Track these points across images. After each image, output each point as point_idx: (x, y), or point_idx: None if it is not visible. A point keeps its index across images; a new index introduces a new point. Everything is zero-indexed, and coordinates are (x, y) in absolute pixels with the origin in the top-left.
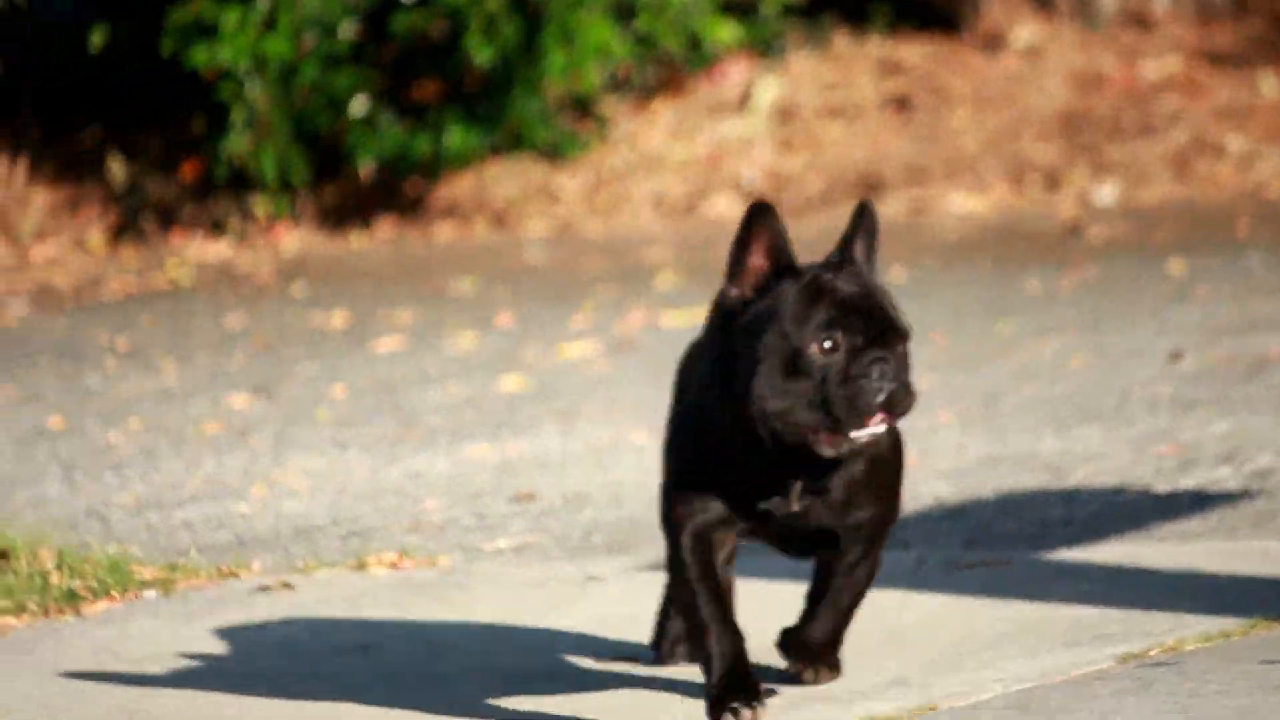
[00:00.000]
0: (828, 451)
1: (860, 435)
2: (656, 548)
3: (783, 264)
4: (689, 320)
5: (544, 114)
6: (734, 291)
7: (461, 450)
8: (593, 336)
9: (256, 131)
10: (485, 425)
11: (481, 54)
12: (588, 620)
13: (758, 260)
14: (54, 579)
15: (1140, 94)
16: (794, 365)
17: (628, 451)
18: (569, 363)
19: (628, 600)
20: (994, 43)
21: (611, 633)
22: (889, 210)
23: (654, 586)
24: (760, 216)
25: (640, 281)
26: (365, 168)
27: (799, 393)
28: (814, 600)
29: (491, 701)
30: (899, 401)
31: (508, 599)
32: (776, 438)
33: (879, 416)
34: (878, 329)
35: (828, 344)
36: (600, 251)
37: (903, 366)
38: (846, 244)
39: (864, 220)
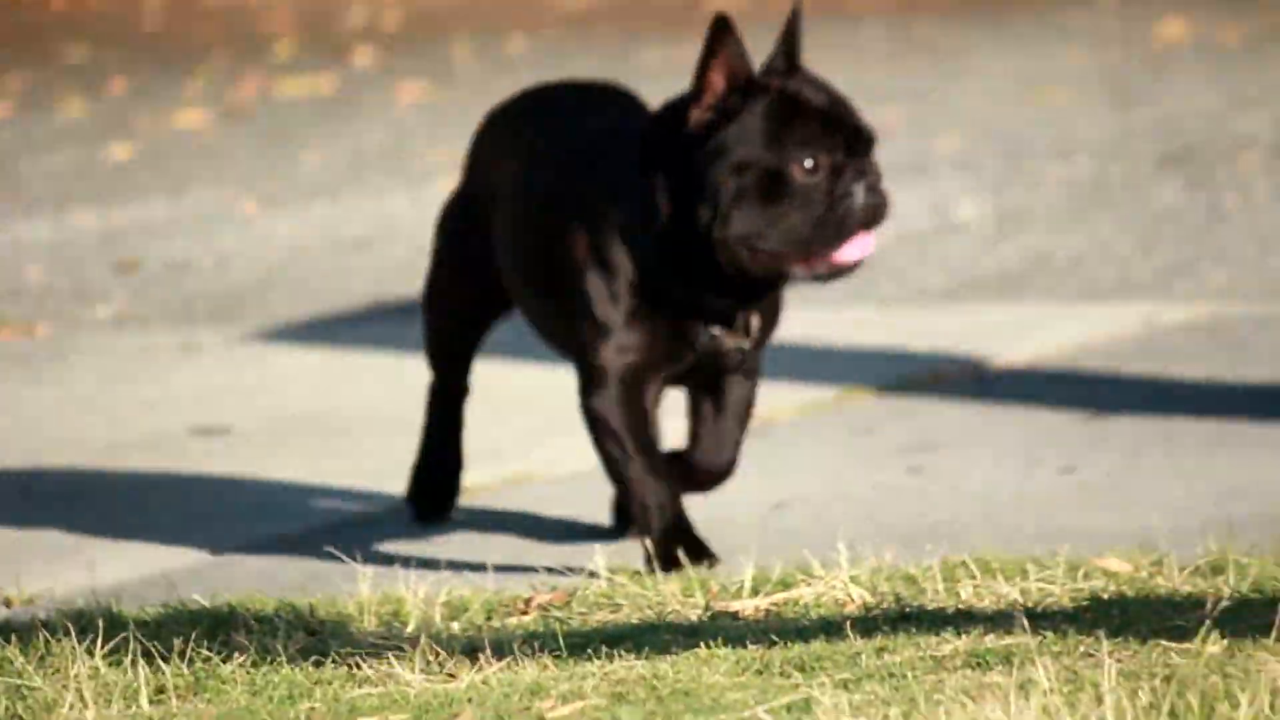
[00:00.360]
0: (808, 276)
1: (849, 256)
2: (260, 316)
3: (743, 80)
4: (306, 90)
5: None
6: (696, 113)
7: (66, 218)
8: (205, 104)
9: None
10: (91, 193)
11: None
12: (183, 390)
13: (718, 78)
14: None
15: None
16: (774, 188)
17: (235, 221)
18: (180, 131)
19: (226, 370)
20: None
21: (208, 402)
22: None
23: (254, 357)
24: (721, 32)
25: (257, 50)
26: None
27: (782, 217)
28: (703, 423)
29: (82, 471)
30: (881, 215)
31: (105, 368)
32: (748, 267)
33: (864, 234)
34: (853, 140)
35: (808, 163)
36: (218, 19)
37: (877, 175)
38: (790, 50)
39: (794, 22)
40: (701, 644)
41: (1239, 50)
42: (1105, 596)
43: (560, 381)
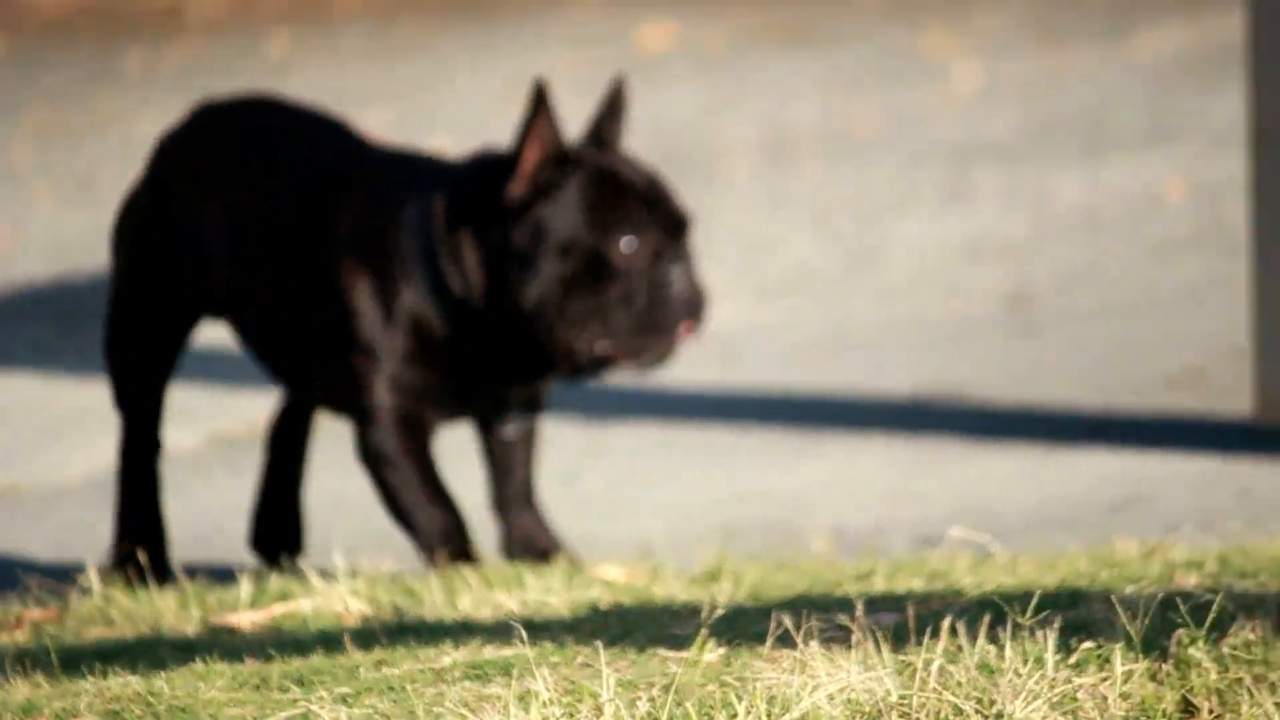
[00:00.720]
0: (634, 368)
1: (668, 354)
2: None
3: (558, 153)
4: None
5: None
6: (514, 188)
7: None
8: None
9: None
10: None
11: None
12: None
13: (534, 152)
14: None
15: None
16: (596, 272)
17: None
18: None
19: None
20: None
21: None
22: None
23: None
24: (542, 102)
25: None
26: None
27: (608, 310)
28: (501, 468)
29: None
30: (702, 305)
31: None
32: (573, 358)
33: (685, 327)
34: (672, 222)
35: (626, 244)
36: None
37: (694, 263)
38: (601, 126)
39: (618, 100)
40: (198, 659)
41: (724, 53)
42: (603, 606)
43: (46, 392)
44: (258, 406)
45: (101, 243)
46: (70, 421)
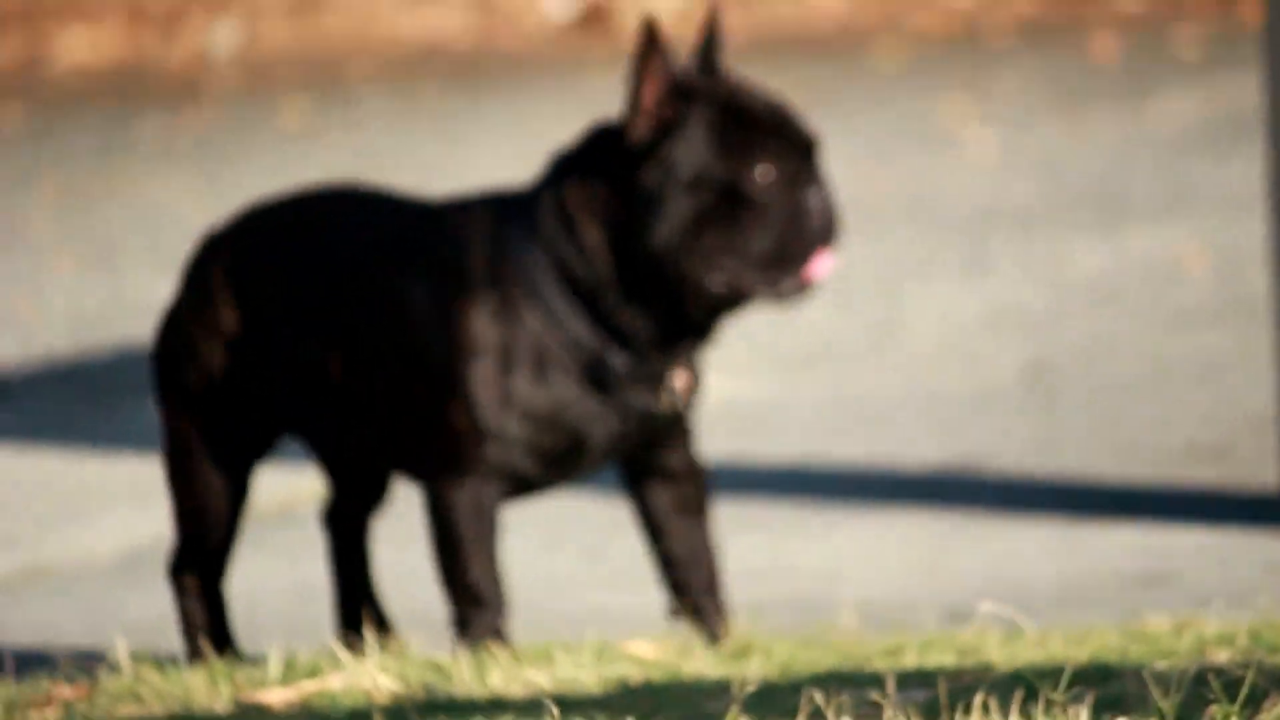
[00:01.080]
0: (775, 297)
1: (815, 273)
2: None
3: (678, 88)
4: None
5: None
6: (635, 128)
7: None
8: None
9: None
10: None
11: None
12: None
13: (652, 89)
14: None
15: None
16: (732, 203)
17: None
18: None
19: None
20: None
21: None
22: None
23: None
24: (652, 43)
25: None
26: None
27: (745, 234)
28: (665, 535)
29: None
30: (838, 226)
31: None
32: (710, 294)
33: (822, 252)
34: (804, 146)
35: (761, 173)
36: None
37: (828, 184)
38: (710, 55)
39: (715, 28)
40: None
41: None
42: (633, 683)
43: (70, 467)
44: (286, 484)
45: (122, 313)
46: (96, 496)
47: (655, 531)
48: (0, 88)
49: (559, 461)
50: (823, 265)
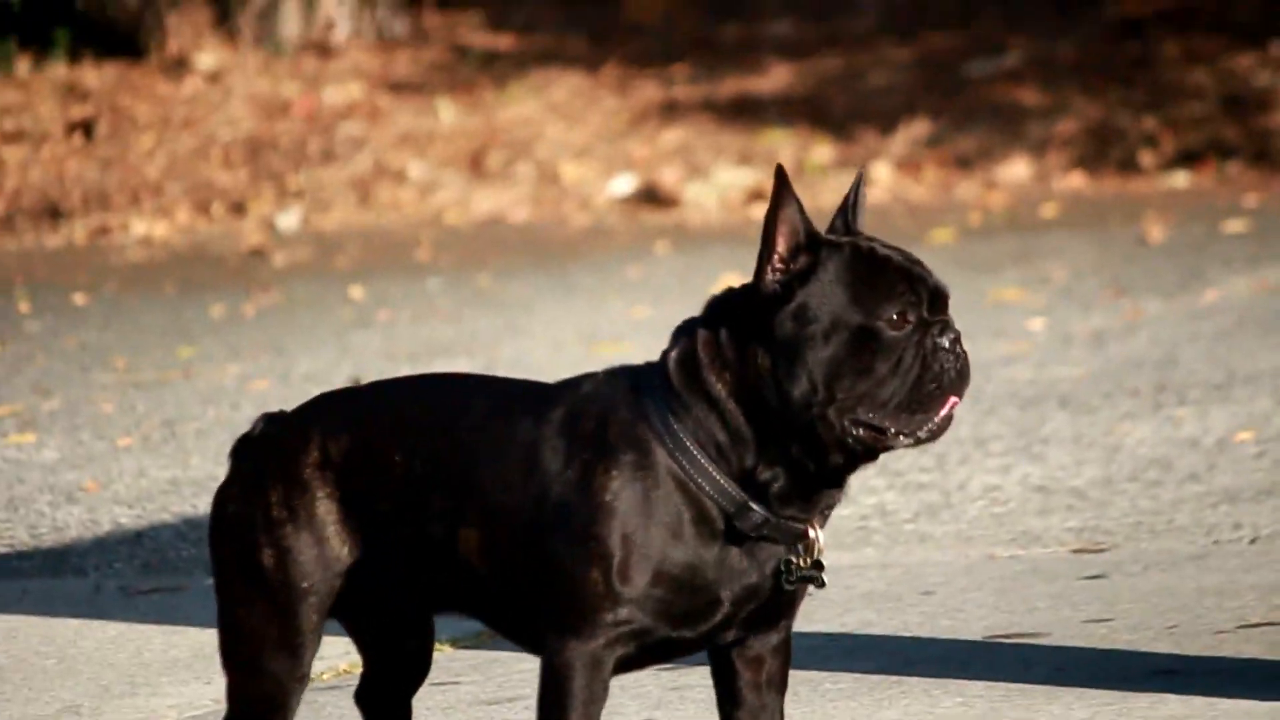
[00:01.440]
0: (909, 444)
1: (941, 418)
2: None
3: (808, 237)
4: None
5: None
6: (768, 275)
7: None
8: None
9: None
10: None
11: None
12: None
13: (784, 239)
14: None
15: (323, 120)
16: (867, 349)
17: None
18: None
19: None
20: (178, 67)
21: None
22: (71, 236)
23: None
24: (785, 185)
25: None
26: None
27: (881, 382)
28: (739, 705)
29: None
30: (968, 374)
31: None
32: (849, 442)
33: (954, 399)
34: (936, 293)
35: (897, 317)
36: None
37: (959, 333)
38: (851, 212)
39: (859, 188)
40: None
41: None
42: None
43: (134, 639)
44: (336, 650)
45: (183, 488)
46: (157, 666)
47: (732, 701)
48: (70, 266)
49: (688, 622)
50: (948, 410)
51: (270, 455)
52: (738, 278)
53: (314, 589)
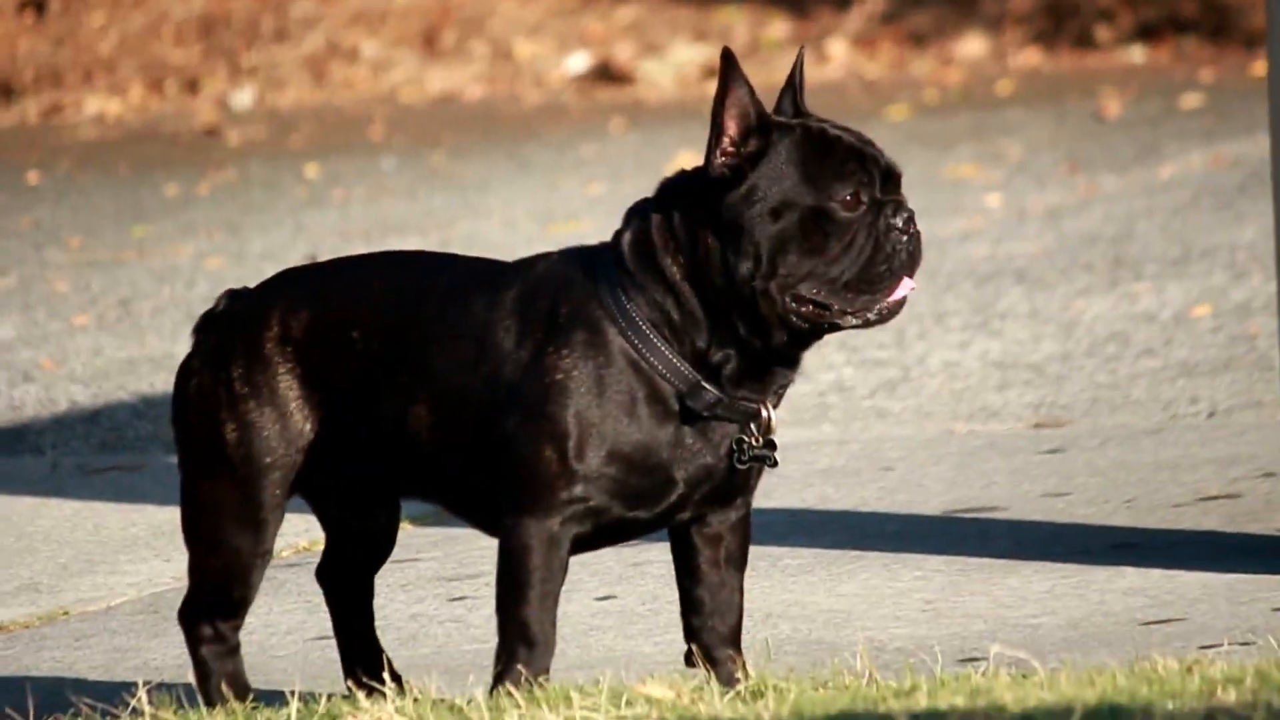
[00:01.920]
0: (859, 324)
1: (898, 297)
2: None
3: (759, 120)
4: None
5: None
6: (717, 158)
7: None
8: None
9: None
10: None
11: None
12: None
13: (733, 120)
14: None
15: None
16: (818, 228)
17: None
18: None
19: None
20: None
21: None
22: (23, 114)
23: None
24: (733, 68)
25: None
26: None
27: (831, 260)
28: (702, 580)
29: None
30: (919, 253)
31: None
32: (795, 321)
33: (906, 279)
34: (888, 173)
35: (850, 197)
36: None
37: (911, 211)
38: (794, 94)
39: (799, 70)
40: None
41: None
42: None
43: (91, 516)
44: (303, 527)
45: (140, 367)
46: (115, 544)
47: (691, 577)
48: (23, 144)
49: (643, 501)
50: (901, 290)
51: (233, 331)
52: (693, 155)
53: (276, 463)
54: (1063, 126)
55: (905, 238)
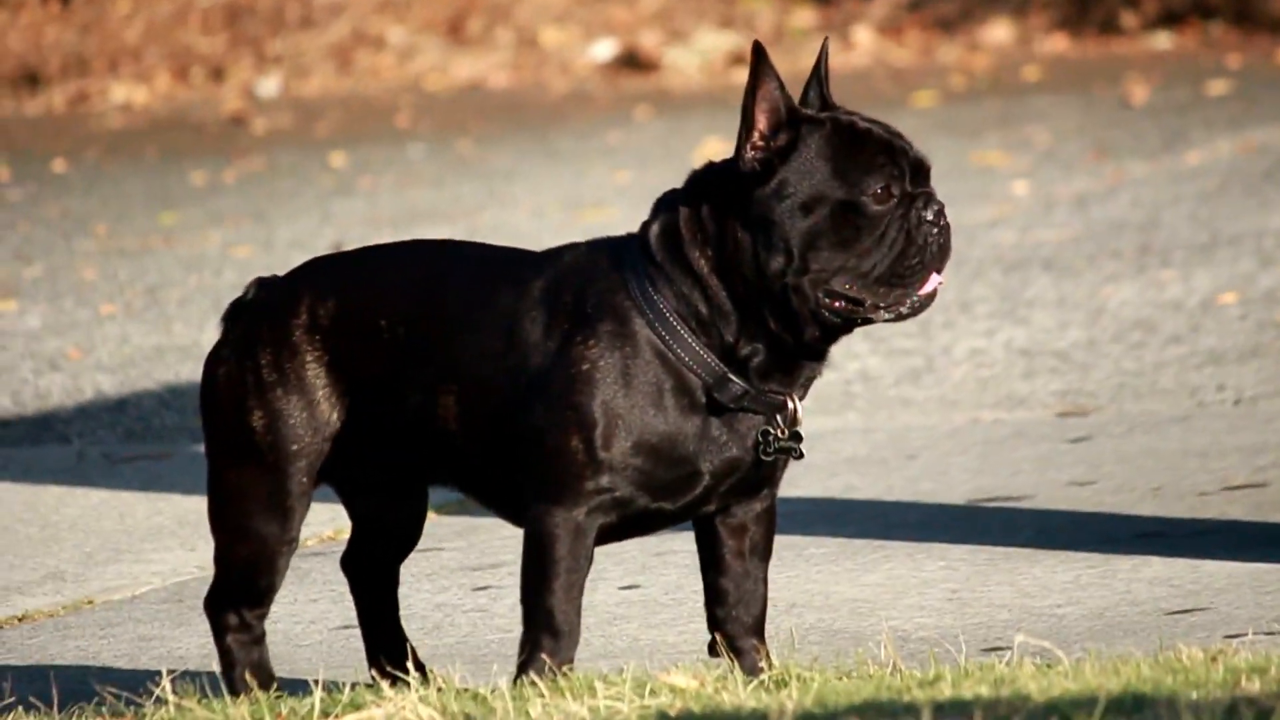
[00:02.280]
0: (891, 317)
1: (928, 290)
2: None
3: (789, 114)
4: None
5: None
6: (747, 153)
7: None
8: None
9: None
10: None
11: None
12: None
13: (764, 116)
14: None
15: None
16: (845, 223)
17: None
18: None
19: None
20: None
21: None
22: (50, 103)
23: None
24: (763, 62)
25: None
26: None
27: (863, 254)
28: (726, 571)
29: None
30: (949, 247)
31: None
32: (827, 315)
33: (936, 272)
34: (918, 166)
35: (881, 191)
36: None
37: (942, 205)
38: (822, 84)
39: (824, 61)
40: None
41: None
42: (672, 713)
43: (117, 504)
44: (329, 517)
45: (167, 355)
46: (141, 533)
47: (715, 567)
48: (51, 133)
49: (668, 493)
50: (931, 284)
51: (261, 319)
52: (719, 142)
53: (303, 451)
54: (1090, 113)
55: (936, 230)
